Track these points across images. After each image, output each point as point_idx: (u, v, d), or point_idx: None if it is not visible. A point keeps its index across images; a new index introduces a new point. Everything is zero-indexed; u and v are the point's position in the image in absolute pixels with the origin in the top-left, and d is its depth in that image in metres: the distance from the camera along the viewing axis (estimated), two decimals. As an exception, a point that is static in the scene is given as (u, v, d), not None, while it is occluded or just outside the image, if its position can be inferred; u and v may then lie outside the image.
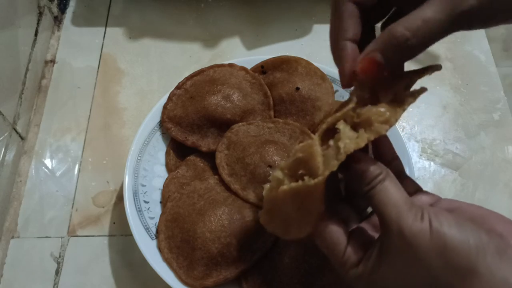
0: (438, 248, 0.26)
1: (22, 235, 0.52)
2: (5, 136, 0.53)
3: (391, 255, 0.28)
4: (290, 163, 0.30)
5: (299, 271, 0.42)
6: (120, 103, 0.61)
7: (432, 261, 0.26)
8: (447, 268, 0.26)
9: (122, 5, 0.69)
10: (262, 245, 0.44)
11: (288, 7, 0.68)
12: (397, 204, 0.28)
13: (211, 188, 0.48)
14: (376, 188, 0.29)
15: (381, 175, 0.29)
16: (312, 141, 0.29)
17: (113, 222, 0.52)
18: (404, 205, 0.28)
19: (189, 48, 0.65)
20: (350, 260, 0.30)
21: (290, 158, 0.30)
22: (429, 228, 0.27)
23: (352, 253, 0.30)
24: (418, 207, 0.28)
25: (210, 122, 0.50)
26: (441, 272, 0.27)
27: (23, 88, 0.57)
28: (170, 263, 0.44)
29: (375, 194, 0.29)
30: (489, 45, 0.65)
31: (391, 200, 0.28)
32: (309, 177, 0.29)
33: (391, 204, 0.28)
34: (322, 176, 0.28)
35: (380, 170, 0.29)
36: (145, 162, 0.50)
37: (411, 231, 0.27)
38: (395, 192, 0.28)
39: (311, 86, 0.52)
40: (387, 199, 0.28)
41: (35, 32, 0.62)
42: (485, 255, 0.26)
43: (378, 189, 0.29)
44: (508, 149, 0.58)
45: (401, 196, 0.28)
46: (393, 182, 0.29)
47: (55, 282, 0.49)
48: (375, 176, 0.29)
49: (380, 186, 0.29)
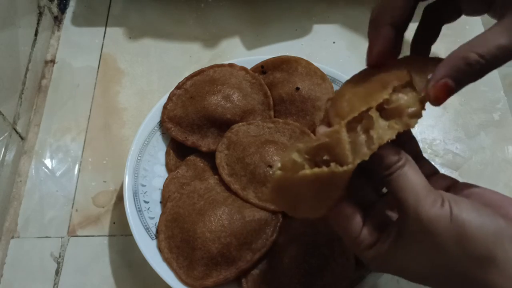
0: (457, 235, 0.26)
1: (22, 235, 0.52)
2: (5, 136, 0.53)
3: (408, 240, 0.28)
4: (312, 147, 0.28)
5: (299, 271, 0.42)
6: (120, 103, 0.61)
7: (450, 247, 0.26)
8: (465, 255, 0.26)
9: (122, 5, 0.69)
10: (262, 245, 0.44)
11: (288, 7, 0.68)
12: (416, 190, 0.28)
13: (211, 188, 0.48)
14: (395, 174, 0.28)
15: (401, 161, 0.29)
16: (339, 127, 0.28)
17: (113, 222, 0.52)
18: (423, 190, 0.28)
19: (189, 48, 0.65)
20: (365, 242, 0.30)
21: (313, 142, 0.28)
22: (449, 214, 0.27)
23: (367, 235, 0.30)
24: (437, 193, 0.28)
25: (210, 122, 0.50)
26: (458, 259, 0.27)
27: (23, 88, 0.57)
28: (170, 263, 0.44)
29: (393, 180, 0.29)
30: (489, 45, 0.65)
31: (409, 185, 0.28)
32: (335, 164, 0.27)
33: (410, 189, 0.28)
34: (352, 164, 0.27)
35: (399, 156, 0.29)
36: (145, 162, 0.50)
37: (429, 217, 0.27)
38: (414, 178, 0.28)
39: (311, 86, 0.52)
40: (405, 185, 0.28)
41: (35, 32, 0.62)
42: (503, 242, 0.26)
43: (397, 175, 0.28)
44: (508, 149, 0.58)
45: (420, 182, 0.28)
46: (413, 168, 0.29)
47: (55, 282, 0.49)
48: (394, 162, 0.29)
49: (399, 171, 0.28)
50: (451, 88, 0.28)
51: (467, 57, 0.27)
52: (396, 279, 0.49)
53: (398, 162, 0.29)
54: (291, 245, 0.44)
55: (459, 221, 0.26)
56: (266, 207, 0.45)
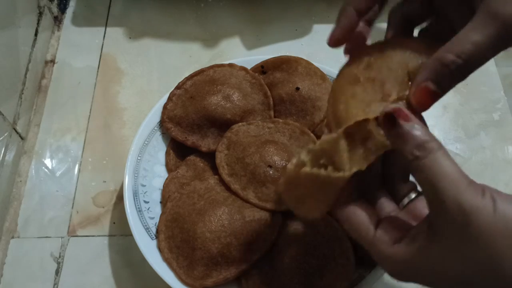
0: (504, 227, 0.24)
1: (22, 235, 0.52)
2: (5, 136, 0.53)
3: (446, 234, 0.25)
4: (316, 149, 0.29)
5: (299, 271, 0.42)
6: (120, 103, 0.61)
7: (497, 240, 0.24)
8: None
9: (122, 5, 0.69)
10: (262, 245, 0.44)
11: (288, 7, 0.68)
12: (454, 178, 0.25)
13: (211, 188, 0.48)
14: (427, 158, 0.26)
15: (434, 142, 0.26)
16: (337, 136, 0.28)
17: (113, 222, 0.52)
18: (463, 179, 0.25)
19: (189, 48, 0.65)
20: (383, 239, 0.28)
21: (317, 146, 0.29)
22: (493, 205, 0.24)
23: (383, 233, 0.28)
24: (477, 184, 0.26)
25: (210, 122, 0.50)
26: (506, 253, 0.24)
27: (23, 88, 0.57)
28: (170, 263, 0.44)
29: (426, 166, 0.26)
30: (489, 45, 0.65)
31: (446, 172, 0.25)
32: (332, 169, 0.28)
33: (447, 177, 0.25)
34: (349, 172, 0.28)
35: (432, 136, 0.26)
36: (145, 162, 0.50)
37: (472, 207, 0.24)
38: (450, 165, 0.25)
39: (311, 86, 0.52)
40: (442, 171, 0.25)
41: (35, 32, 0.62)
42: None
43: (431, 160, 0.26)
44: (508, 149, 0.58)
45: (458, 170, 0.26)
46: (447, 154, 0.26)
47: (55, 282, 0.49)
48: (426, 141, 0.26)
49: (432, 156, 0.26)
50: (433, 92, 0.27)
51: (443, 58, 0.27)
52: (396, 279, 0.49)
53: (431, 143, 0.26)
54: (291, 245, 0.44)
55: (506, 212, 0.24)
56: (266, 207, 0.45)
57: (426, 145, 0.26)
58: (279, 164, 0.46)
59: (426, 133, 0.26)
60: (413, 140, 0.26)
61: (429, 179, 0.26)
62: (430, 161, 0.26)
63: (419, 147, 0.26)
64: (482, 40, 0.26)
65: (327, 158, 0.29)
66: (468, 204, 0.24)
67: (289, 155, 0.47)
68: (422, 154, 0.26)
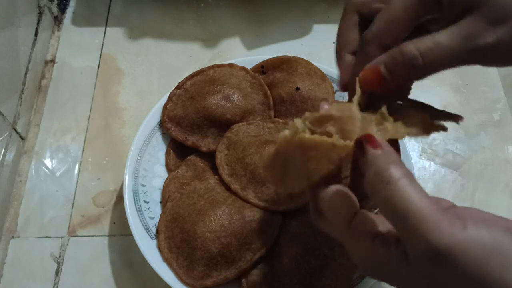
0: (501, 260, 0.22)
1: (22, 235, 0.52)
2: (5, 136, 0.53)
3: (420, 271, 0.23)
4: (317, 116, 0.27)
5: (299, 271, 0.42)
6: (120, 103, 0.61)
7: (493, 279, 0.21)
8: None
9: (122, 5, 0.69)
10: (262, 245, 0.44)
11: (288, 7, 0.68)
12: (422, 213, 0.22)
13: (211, 188, 0.48)
14: (387, 190, 0.23)
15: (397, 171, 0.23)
16: (352, 104, 0.27)
17: (113, 222, 0.52)
18: (433, 212, 0.22)
19: (189, 48, 0.65)
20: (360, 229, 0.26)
21: (320, 112, 0.27)
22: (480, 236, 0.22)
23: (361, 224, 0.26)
24: (454, 213, 0.23)
25: (210, 122, 0.50)
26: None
27: (23, 88, 0.57)
28: (170, 263, 0.44)
29: (387, 199, 0.23)
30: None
31: (411, 207, 0.22)
32: (338, 137, 0.26)
33: (414, 213, 0.22)
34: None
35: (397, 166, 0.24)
36: (145, 162, 0.50)
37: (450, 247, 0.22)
38: (416, 197, 0.23)
39: (311, 86, 0.52)
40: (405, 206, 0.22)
41: (35, 32, 0.62)
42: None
43: (391, 193, 0.23)
44: (508, 149, 0.58)
45: (426, 202, 0.23)
46: (412, 183, 0.23)
47: (55, 282, 0.49)
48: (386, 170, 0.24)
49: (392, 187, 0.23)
50: (381, 74, 0.27)
51: (404, 48, 0.27)
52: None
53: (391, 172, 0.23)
54: (291, 245, 0.44)
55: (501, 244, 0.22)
56: (266, 207, 0.45)
57: (385, 174, 0.23)
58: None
59: (390, 161, 0.24)
60: (373, 169, 0.24)
61: (393, 215, 0.23)
62: (391, 194, 0.23)
63: (377, 177, 0.24)
64: (446, 43, 0.26)
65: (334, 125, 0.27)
66: (443, 244, 0.22)
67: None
68: (381, 186, 0.23)
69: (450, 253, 0.22)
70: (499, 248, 0.22)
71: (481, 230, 0.22)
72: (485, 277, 0.22)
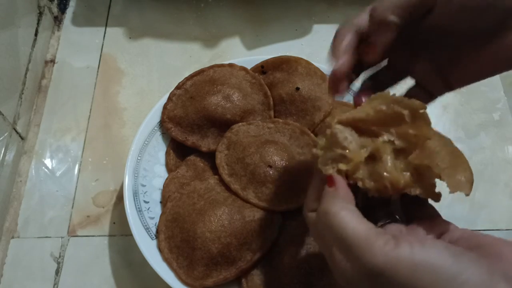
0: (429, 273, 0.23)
1: (22, 235, 0.52)
2: (5, 136, 0.53)
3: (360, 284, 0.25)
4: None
5: (299, 271, 0.42)
6: (120, 103, 0.61)
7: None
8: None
9: (122, 5, 0.69)
10: (262, 245, 0.44)
11: (288, 7, 0.68)
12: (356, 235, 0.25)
13: (211, 188, 0.48)
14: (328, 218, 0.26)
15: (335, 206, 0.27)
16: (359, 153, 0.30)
17: (113, 222, 0.52)
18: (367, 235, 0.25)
19: (189, 48, 0.65)
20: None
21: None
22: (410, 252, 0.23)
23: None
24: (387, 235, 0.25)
25: (210, 122, 0.50)
26: None
27: (23, 88, 0.57)
28: (170, 263, 0.44)
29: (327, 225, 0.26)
30: (489, 45, 0.65)
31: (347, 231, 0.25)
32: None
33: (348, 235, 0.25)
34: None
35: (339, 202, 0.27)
36: (145, 162, 0.50)
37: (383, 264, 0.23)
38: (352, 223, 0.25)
39: (311, 86, 0.52)
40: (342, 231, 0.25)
41: (35, 32, 0.62)
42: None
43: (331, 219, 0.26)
44: (508, 149, 0.58)
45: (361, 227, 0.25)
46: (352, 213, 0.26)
47: (55, 282, 0.49)
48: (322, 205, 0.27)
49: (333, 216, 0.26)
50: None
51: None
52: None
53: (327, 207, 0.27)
54: (291, 245, 0.44)
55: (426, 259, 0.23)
56: (266, 207, 0.45)
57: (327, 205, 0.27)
58: (279, 164, 0.46)
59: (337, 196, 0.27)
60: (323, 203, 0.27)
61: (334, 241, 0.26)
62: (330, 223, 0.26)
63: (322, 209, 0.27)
64: None
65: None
66: (375, 264, 0.23)
67: (289, 155, 0.47)
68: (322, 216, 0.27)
69: (382, 271, 0.23)
70: (430, 265, 0.23)
71: (414, 249, 0.23)
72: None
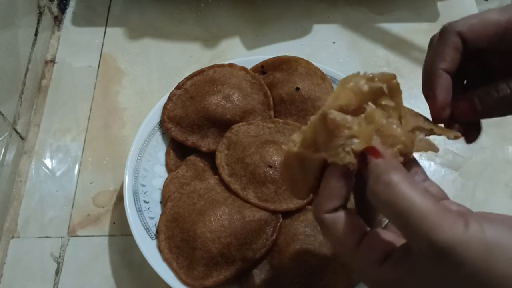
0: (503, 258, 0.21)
1: (22, 235, 0.52)
2: (5, 136, 0.53)
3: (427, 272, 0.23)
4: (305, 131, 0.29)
5: (299, 271, 0.42)
6: (120, 103, 0.61)
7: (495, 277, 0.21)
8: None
9: (122, 5, 0.69)
10: (262, 245, 0.44)
11: (288, 7, 0.68)
12: (423, 212, 0.22)
13: (211, 188, 0.48)
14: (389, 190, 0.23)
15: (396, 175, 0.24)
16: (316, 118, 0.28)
17: (113, 222, 0.52)
18: (436, 211, 0.22)
19: (189, 48, 0.65)
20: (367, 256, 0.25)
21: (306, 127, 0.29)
22: (482, 235, 0.21)
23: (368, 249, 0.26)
24: (458, 212, 0.23)
25: (210, 122, 0.50)
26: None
27: (23, 88, 0.57)
28: (170, 263, 0.44)
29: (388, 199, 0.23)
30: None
31: (413, 207, 0.22)
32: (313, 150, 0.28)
33: (415, 212, 0.22)
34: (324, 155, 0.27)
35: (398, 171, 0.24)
36: (145, 162, 0.50)
37: (452, 244, 0.21)
38: (417, 197, 0.23)
39: (311, 86, 0.52)
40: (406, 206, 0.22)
41: (35, 32, 0.62)
42: None
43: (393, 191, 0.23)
44: (508, 149, 0.58)
45: (428, 202, 0.23)
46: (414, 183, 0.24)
47: (55, 282, 0.49)
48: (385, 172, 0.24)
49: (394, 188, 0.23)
50: (475, 107, 0.30)
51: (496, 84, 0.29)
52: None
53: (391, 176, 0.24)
54: (291, 245, 0.44)
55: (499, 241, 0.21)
56: (266, 207, 0.45)
57: (385, 177, 0.24)
58: (279, 164, 0.46)
59: (391, 167, 0.24)
60: (374, 175, 0.24)
61: (395, 216, 0.23)
62: (392, 195, 0.23)
63: (377, 181, 0.24)
64: None
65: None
66: (445, 241, 0.21)
67: None
68: (381, 189, 0.24)
69: (453, 251, 0.21)
70: (503, 244, 0.22)
71: (484, 227, 0.22)
72: (489, 274, 0.21)
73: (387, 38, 0.66)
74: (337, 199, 0.27)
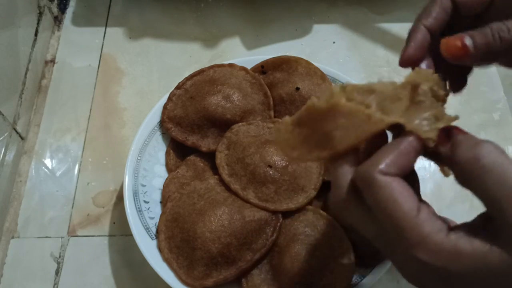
0: None
1: (22, 235, 0.52)
2: (5, 136, 0.53)
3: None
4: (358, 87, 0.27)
5: (299, 271, 0.42)
6: (120, 103, 0.61)
7: None
8: None
9: (122, 5, 0.69)
10: (262, 245, 0.44)
11: (288, 7, 0.68)
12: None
13: (211, 188, 0.48)
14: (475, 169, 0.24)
15: (485, 146, 0.25)
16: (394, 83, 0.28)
17: (113, 222, 0.52)
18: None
19: (189, 48, 0.65)
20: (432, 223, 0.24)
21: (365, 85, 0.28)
22: None
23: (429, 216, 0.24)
24: None
25: (210, 122, 0.50)
26: None
27: (23, 88, 0.57)
28: (170, 263, 0.44)
29: (475, 175, 0.24)
30: (489, 45, 0.65)
31: (504, 182, 0.23)
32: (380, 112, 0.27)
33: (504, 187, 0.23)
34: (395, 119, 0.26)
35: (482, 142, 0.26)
36: (145, 162, 0.50)
37: None
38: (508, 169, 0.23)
39: (311, 86, 0.52)
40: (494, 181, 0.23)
41: (35, 32, 0.62)
42: None
43: (492, 159, 0.24)
44: (508, 149, 0.58)
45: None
46: (502, 156, 0.25)
47: (55, 282, 0.49)
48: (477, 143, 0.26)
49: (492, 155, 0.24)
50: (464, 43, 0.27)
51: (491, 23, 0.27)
52: (396, 279, 0.49)
53: (484, 145, 0.25)
54: (291, 245, 0.44)
55: None
56: (266, 207, 0.45)
57: (478, 147, 0.25)
58: (279, 164, 0.46)
59: (479, 141, 0.26)
60: (465, 146, 0.26)
61: (483, 191, 0.24)
62: (492, 162, 0.24)
63: (475, 146, 0.25)
64: None
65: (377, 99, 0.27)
66: None
67: None
68: (485, 151, 0.25)
69: None
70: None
71: None
72: None
73: (387, 38, 0.66)
74: (399, 168, 0.25)
